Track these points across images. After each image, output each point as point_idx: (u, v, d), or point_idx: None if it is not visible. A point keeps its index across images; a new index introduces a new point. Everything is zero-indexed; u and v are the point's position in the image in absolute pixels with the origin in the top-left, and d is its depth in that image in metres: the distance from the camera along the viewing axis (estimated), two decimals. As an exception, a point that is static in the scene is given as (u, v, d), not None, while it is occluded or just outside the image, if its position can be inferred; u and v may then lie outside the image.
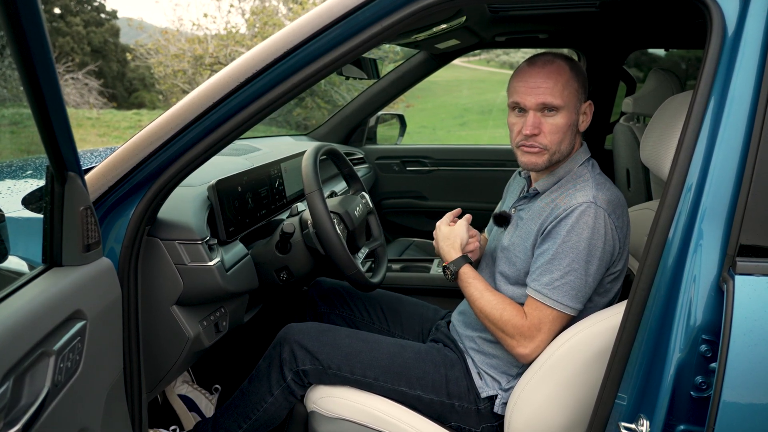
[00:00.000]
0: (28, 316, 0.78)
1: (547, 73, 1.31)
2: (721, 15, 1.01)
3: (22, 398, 0.75)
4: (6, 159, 4.70)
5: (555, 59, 1.33)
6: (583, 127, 1.38)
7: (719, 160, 1.00)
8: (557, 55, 1.34)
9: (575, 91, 1.33)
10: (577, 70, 1.34)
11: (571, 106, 1.32)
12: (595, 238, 1.26)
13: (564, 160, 1.38)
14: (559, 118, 1.31)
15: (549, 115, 1.31)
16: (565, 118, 1.32)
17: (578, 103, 1.35)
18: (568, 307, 1.28)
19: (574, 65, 1.34)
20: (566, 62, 1.33)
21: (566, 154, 1.36)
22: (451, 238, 1.45)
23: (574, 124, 1.35)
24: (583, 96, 1.36)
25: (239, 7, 12.57)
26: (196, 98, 1.15)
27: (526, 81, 1.32)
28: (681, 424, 1.00)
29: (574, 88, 1.32)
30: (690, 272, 1.00)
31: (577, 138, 1.39)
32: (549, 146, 1.33)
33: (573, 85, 1.32)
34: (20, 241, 1.18)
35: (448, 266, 1.42)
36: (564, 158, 1.37)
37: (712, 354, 0.97)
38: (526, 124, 1.32)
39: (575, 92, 1.33)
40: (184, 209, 1.36)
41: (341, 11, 1.10)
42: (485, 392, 1.42)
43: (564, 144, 1.34)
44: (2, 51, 3.48)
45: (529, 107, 1.32)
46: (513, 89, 1.35)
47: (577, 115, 1.35)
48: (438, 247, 1.49)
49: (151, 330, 1.30)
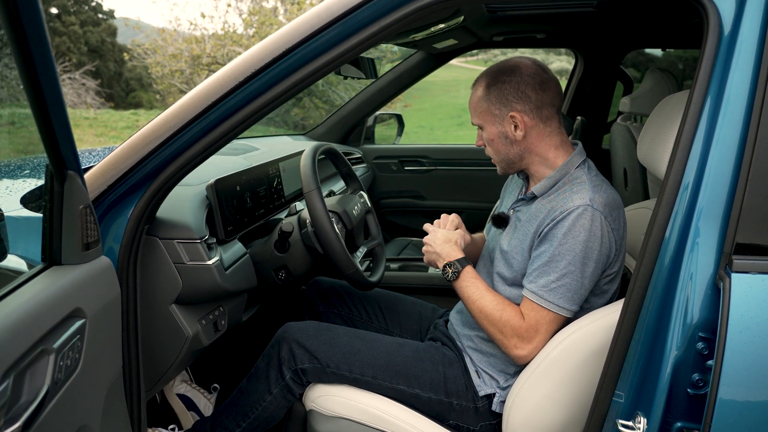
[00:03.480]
0: (28, 314, 0.78)
1: (471, 95, 1.44)
2: (718, 15, 1.02)
3: (22, 396, 0.75)
4: (3, 159, 4.69)
5: (478, 79, 1.42)
6: (520, 136, 1.37)
7: (715, 159, 1.01)
8: (484, 74, 1.42)
9: (486, 108, 1.39)
10: (492, 86, 1.37)
11: (489, 122, 1.40)
12: (591, 241, 1.27)
13: (555, 163, 1.38)
14: (486, 132, 1.41)
15: (482, 130, 1.43)
16: (489, 132, 1.41)
17: (495, 118, 1.38)
18: (564, 309, 1.29)
19: (488, 83, 1.39)
20: (485, 79, 1.40)
21: (518, 160, 1.41)
22: (452, 238, 1.47)
23: (502, 136, 1.39)
24: (500, 110, 1.37)
25: (236, 7, 12.56)
26: (195, 97, 1.15)
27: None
28: (678, 421, 1.01)
29: (485, 107, 1.39)
30: (687, 270, 1.01)
31: (539, 142, 1.38)
32: (493, 155, 1.44)
33: (483, 104, 1.39)
34: (19, 240, 1.18)
35: (452, 264, 1.42)
36: (519, 162, 1.42)
37: (708, 351, 0.98)
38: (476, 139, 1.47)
39: (486, 110, 1.39)
40: (182, 208, 1.37)
41: (340, 11, 1.10)
42: (483, 390, 1.43)
43: (503, 153, 1.41)
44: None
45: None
46: None
47: (501, 128, 1.38)
48: (435, 250, 1.47)
49: (150, 329, 1.31)
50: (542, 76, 1.35)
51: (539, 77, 1.35)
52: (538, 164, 1.40)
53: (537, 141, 1.38)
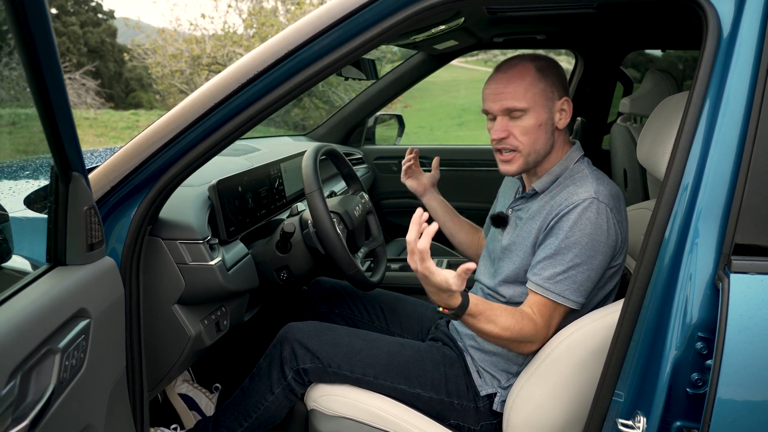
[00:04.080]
0: (34, 315, 0.79)
1: (509, 78, 1.33)
2: (717, 16, 1.03)
3: (29, 395, 0.76)
4: (3, 159, 4.69)
5: (519, 62, 1.35)
6: (562, 125, 1.37)
7: (715, 160, 1.01)
8: (525, 57, 1.36)
9: (541, 90, 1.33)
10: (545, 70, 1.34)
11: (538, 107, 1.33)
12: (598, 233, 1.27)
13: (549, 159, 1.39)
14: (527, 119, 1.33)
15: (516, 117, 1.34)
16: (533, 119, 1.33)
17: (548, 102, 1.35)
18: (570, 301, 1.29)
19: (542, 65, 1.35)
20: (533, 62, 1.34)
21: (544, 153, 1.38)
22: (437, 286, 1.15)
23: (548, 123, 1.35)
24: (555, 93, 1.35)
25: (237, 8, 12.57)
26: (198, 99, 1.16)
27: (491, 87, 1.36)
28: (677, 421, 1.02)
29: (540, 89, 1.33)
30: (686, 270, 1.01)
31: (559, 136, 1.39)
32: (521, 147, 1.35)
33: (538, 85, 1.33)
34: (23, 240, 1.18)
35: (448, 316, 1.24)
36: (542, 158, 1.38)
37: (707, 351, 0.99)
38: (494, 129, 1.36)
39: (541, 92, 1.33)
40: (185, 209, 1.37)
41: (342, 13, 1.11)
42: (484, 390, 1.44)
43: (539, 144, 1.35)
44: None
45: (495, 113, 1.35)
46: (483, 96, 1.39)
47: (550, 114, 1.35)
48: (430, 293, 1.21)
49: (153, 329, 1.31)
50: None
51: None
52: (545, 161, 1.40)
53: (559, 134, 1.39)
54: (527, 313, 1.29)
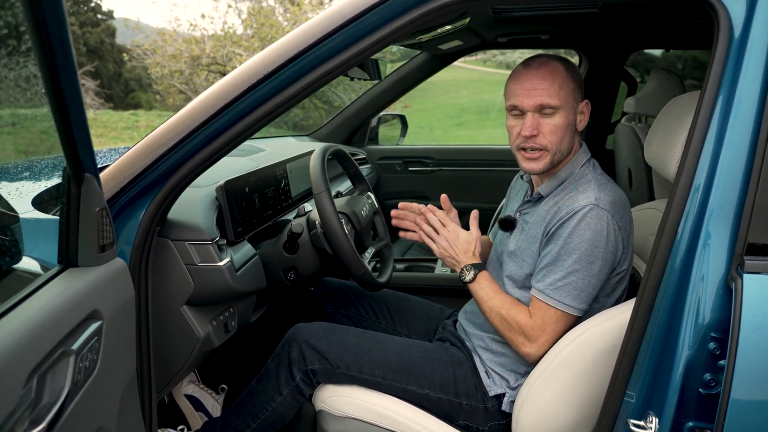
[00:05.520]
0: (49, 316, 0.79)
1: (543, 75, 1.32)
2: (728, 17, 1.03)
3: (44, 397, 0.76)
4: (5, 160, 4.67)
5: (550, 60, 1.35)
6: (581, 127, 1.39)
7: (726, 161, 1.01)
8: (552, 57, 1.36)
9: (572, 91, 1.34)
10: (573, 71, 1.36)
11: (568, 106, 1.34)
12: (597, 240, 1.27)
13: (564, 161, 1.39)
14: (558, 118, 1.33)
15: (547, 115, 1.33)
16: (563, 117, 1.33)
17: (575, 103, 1.36)
18: (570, 307, 1.29)
19: (569, 66, 1.36)
20: (561, 63, 1.35)
21: (566, 154, 1.38)
22: (470, 247, 1.45)
23: (572, 124, 1.36)
24: (579, 95, 1.37)
25: (236, 8, 12.58)
26: (207, 100, 1.16)
27: (522, 83, 1.34)
28: (690, 421, 1.02)
29: (571, 89, 1.34)
30: (698, 271, 1.01)
31: (575, 138, 1.40)
32: (549, 146, 1.34)
33: (569, 85, 1.34)
34: (32, 241, 1.18)
35: (469, 268, 1.43)
36: (563, 159, 1.39)
37: (720, 351, 0.99)
38: (525, 126, 1.33)
39: (572, 92, 1.34)
40: (193, 210, 1.37)
41: (351, 14, 1.11)
42: (493, 390, 1.44)
43: (564, 144, 1.36)
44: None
45: (527, 109, 1.33)
46: (510, 92, 1.37)
47: (574, 115, 1.36)
48: (454, 253, 1.46)
49: (162, 330, 1.31)
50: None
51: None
52: (559, 163, 1.40)
53: (576, 136, 1.40)
54: (526, 308, 1.35)
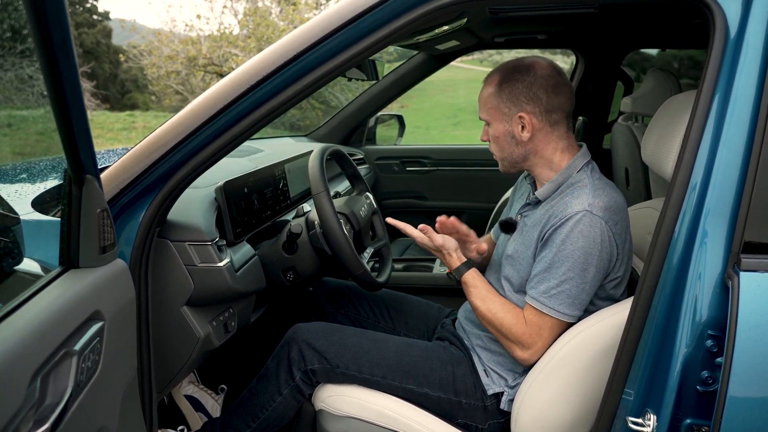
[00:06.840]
0: (52, 317, 0.79)
1: (483, 87, 1.41)
2: (724, 17, 1.03)
3: (47, 398, 0.76)
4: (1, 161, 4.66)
5: (491, 74, 1.40)
6: (523, 138, 1.36)
7: (723, 159, 1.02)
8: (497, 69, 1.40)
9: (496, 105, 1.37)
10: (507, 83, 1.35)
11: (495, 120, 1.38)
12: (590, 247, 1.27)
13: (557, 166, 1.38)
14: (493, 129, 1.40)
15: (488, 125, 1.42)
16: (495, 129, 1.39)
17: (504, 116, 1.37)
18: (564, 315, 1.30)
19: (506, 77, 1.35)
20: (499, 74, 1.37)
21: (521, 160, 1.40)
22: (443, 249, 1.46)
23: (507, 135, 1.38)
24: (513, 107, 1.35)
25: (232, 8, 12.56)
26: (206, 101, 1.16)
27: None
28: (687, 419, 1.03)
29: (494, 104, 1.37)
30: (695, 269, 1.02)
31: (545, 144, 1.37)
32: (496, 153, 1.43)
33: (493, 100, 1.37)
34: (32, 243, 1.18)
35: (451, 274, 1.46)
36: (522, 163, 1.41)
37: (717, 349, 0.99)
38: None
39: (496, 107, 1.37)
40: (192, 211, 1.37)
41: (350, 15, 1.11)
42: (492, 389, 1.44)
43: (506, 151, 1.40)
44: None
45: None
46: None
47: (508, 126, 1.37)
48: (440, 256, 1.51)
49: (162, 331, 1.31)
50: (556, 79, 1.34)
51: (553, 80, 1.34)
52: (542, 167, 1.40)
53: (543, 144, 1.37)
54: (520, 313, 1.35)
